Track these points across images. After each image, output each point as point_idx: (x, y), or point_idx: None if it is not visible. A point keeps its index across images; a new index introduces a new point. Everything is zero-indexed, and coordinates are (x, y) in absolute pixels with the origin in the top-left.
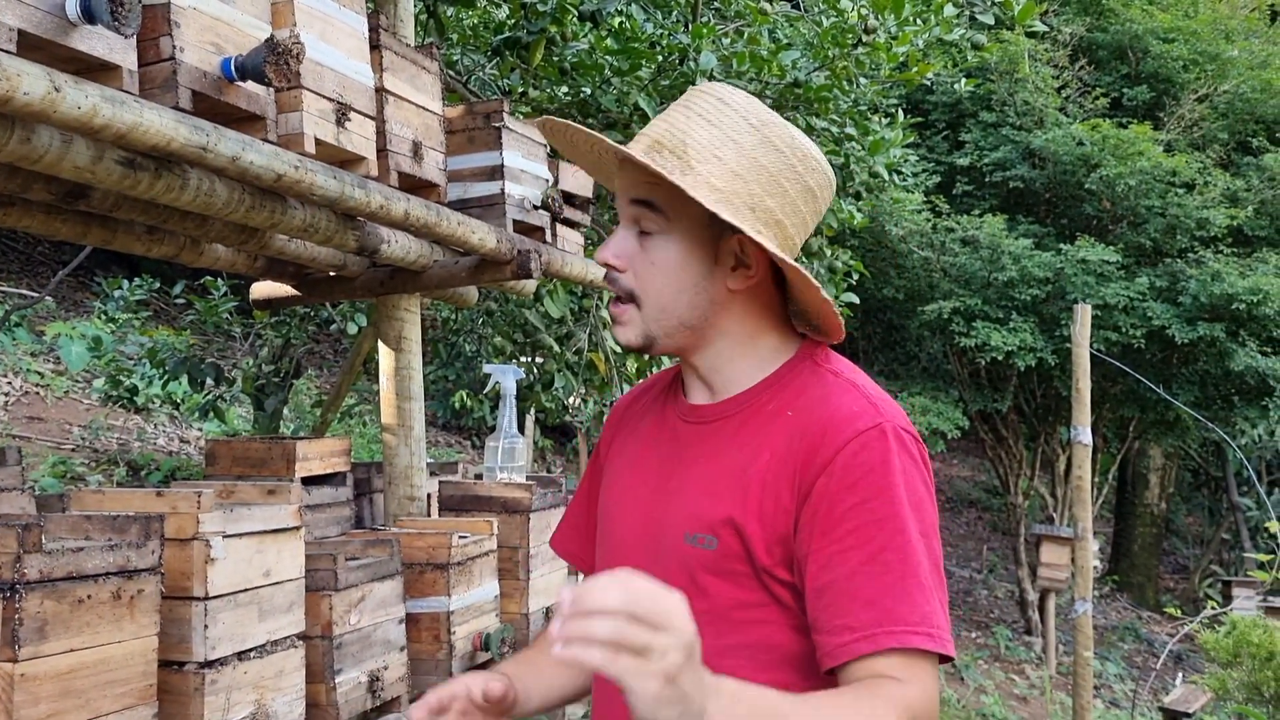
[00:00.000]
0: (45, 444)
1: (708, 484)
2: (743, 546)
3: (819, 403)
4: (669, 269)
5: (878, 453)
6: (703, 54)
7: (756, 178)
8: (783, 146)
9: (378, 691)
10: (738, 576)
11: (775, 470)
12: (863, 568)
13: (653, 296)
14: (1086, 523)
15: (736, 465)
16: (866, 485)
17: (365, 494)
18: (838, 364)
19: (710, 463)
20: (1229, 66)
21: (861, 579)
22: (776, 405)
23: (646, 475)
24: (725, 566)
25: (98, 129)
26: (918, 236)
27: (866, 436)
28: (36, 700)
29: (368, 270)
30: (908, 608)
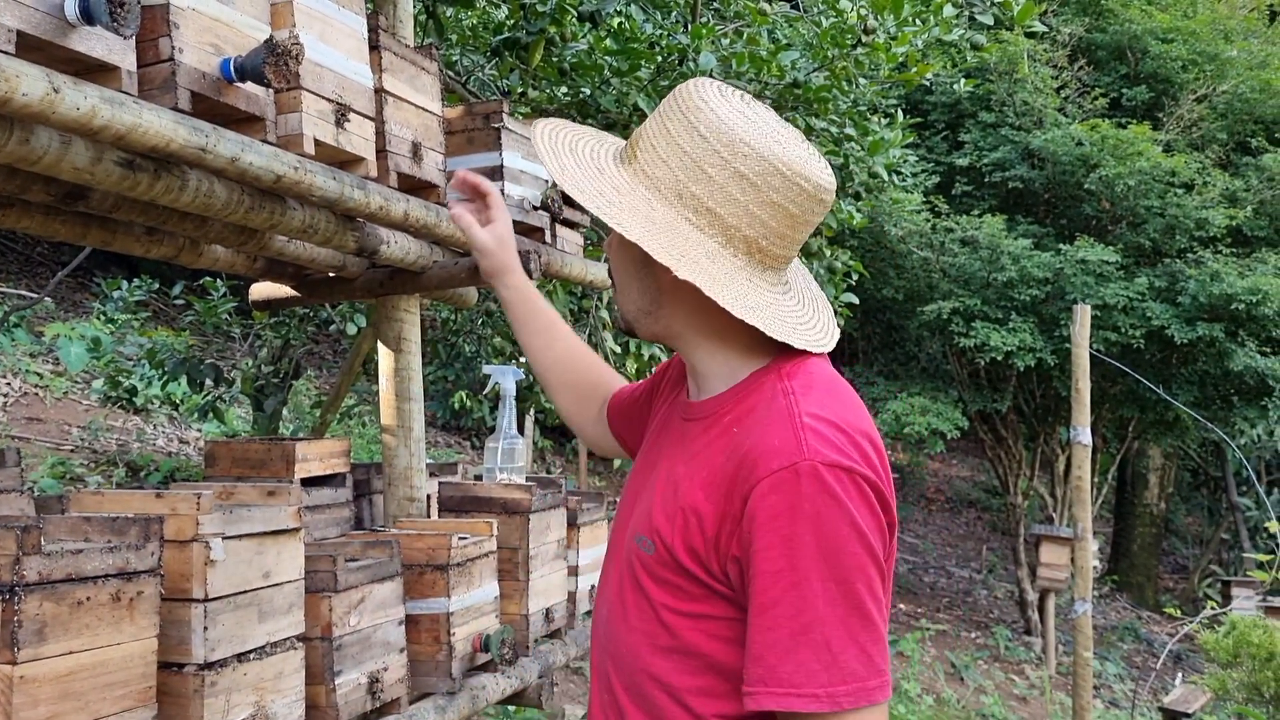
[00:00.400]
0: (44, 445)
1: (662, 487)
2: (668, 553)
3: (755, 425)
4: (619, 257)
5: (785, 497)
6: (702, 54)
7: (680, 163)
8: (706, 132)
9: (377, 693)
10: (669, 583)
11: (707, 489)
12: (756, 619)
13: (618, 281)
14: (1086, 523)
15: (684, 473)
16: (769, 532)
17: (365, 495)
18: (800, 379)
19: (672, 465)
20: (1228, 67)
21: (755, 631)
22: (732, 418)
23: (644, 468)
24: (659, 571)
25: (97, 130)
26: (917, 237)
27: (777, 478)
28: (36, 702)
29: (367, 271)
30: (792, 667)
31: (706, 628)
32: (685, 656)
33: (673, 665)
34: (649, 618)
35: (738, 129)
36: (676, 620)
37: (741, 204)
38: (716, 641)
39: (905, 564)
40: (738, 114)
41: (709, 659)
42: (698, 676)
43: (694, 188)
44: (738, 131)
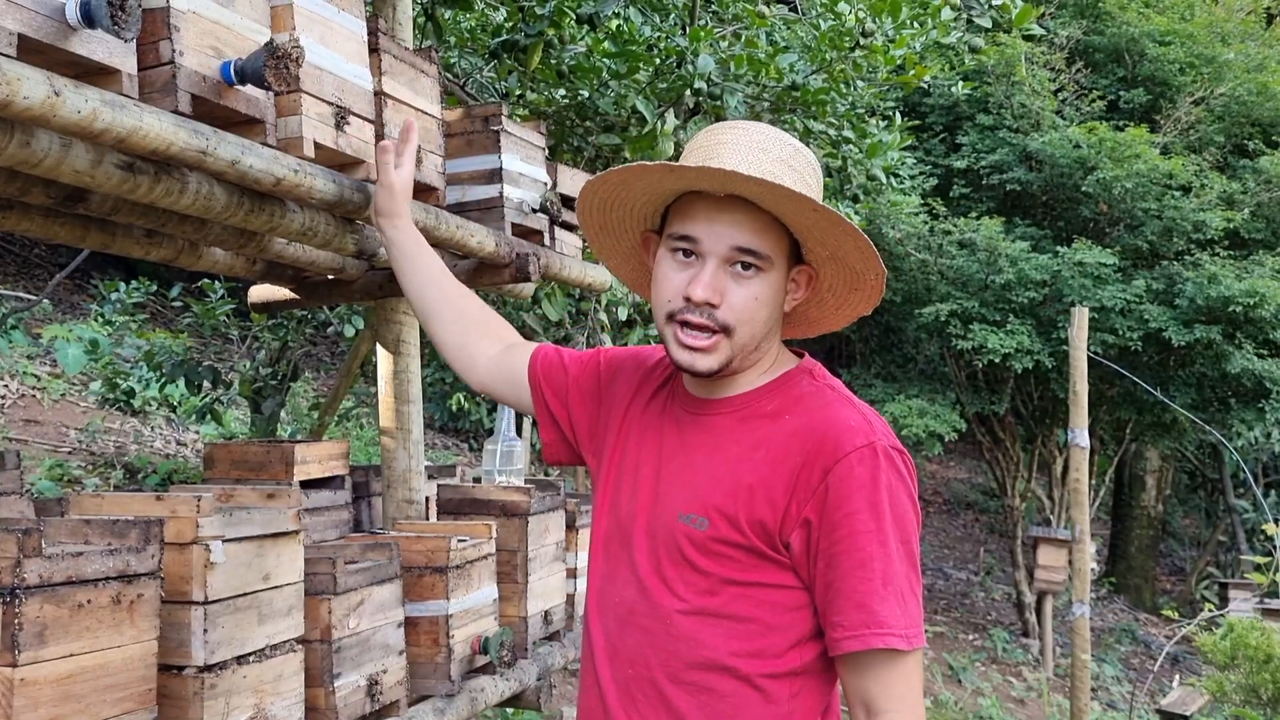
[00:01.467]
0: (42, 447)
1: (707, 471)
2: (731, 528)
3: (817, 412)
4: (768, 303)
5: (869, 470)
6: (700, 57)
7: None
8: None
9: (377, 695)
10: (725, 556)
11: (770, 466)
12: (853, 572)
13: (749, 328)
14: (1084, 525)
15: (733, 457)
16: (857, 500)
17: (363, 497)
18: (833, 380)
19: (712, 452)
20: (1225, 69)
21: (851, 582)
22: (775, 408)
23: (653, 457)
24: (713, 546)
25: (97, 133)
26: (915, 239)
27: (861, 454)
28: (36, 705)
29: (366, 273)
30: (888, 611)
31: (756, 594)
32: (734, 622)
33: (719, 631)
34: (697, 590)
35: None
36: (728, 589)
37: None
38: (763, 606)
39: None
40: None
41: (758, 622)
42: (745, 640)
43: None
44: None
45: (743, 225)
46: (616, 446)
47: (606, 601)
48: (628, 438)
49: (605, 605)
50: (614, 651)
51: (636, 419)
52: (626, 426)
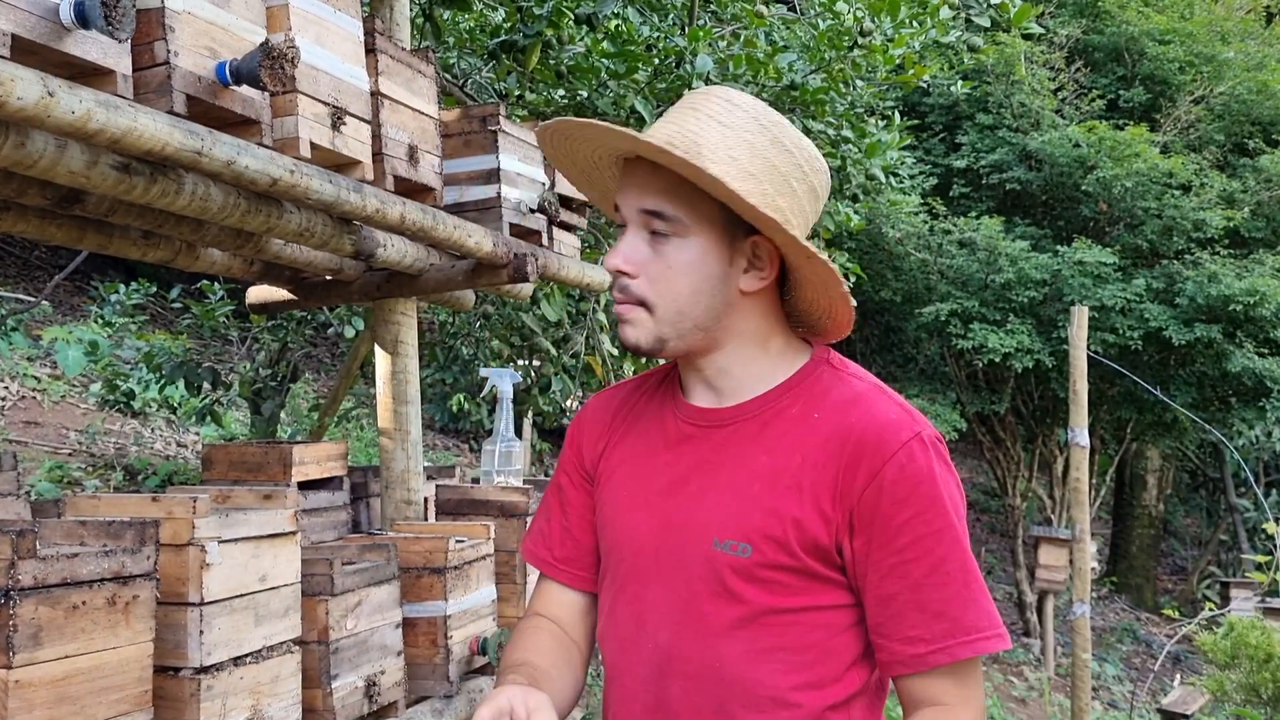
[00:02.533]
0: (42, 448)
1: (737, 489)
2: (781, 551)
3: (850, 407)
4: (686, 272)
5: (923, 464)
6: (699, 57)
7: (769, 178)
8: (791, 147)
9: (374, 696)
10: (773, 583)
11: (812, 475)
12: (926, 579)
13: (669, 300)
14: (1084, 524)
15: (767, 469)
16: (918, 498)
17: (362, 498)
18: (855, 368)
19: (736, 467)
20: (1225, 68)
21: (928, 590)
22: (801, 409)
23: (655, 481)
24: (760, 573)
25: (92, 134)
26: (915, 239)
27: (911, 448)
28: (31, 707)
29: (364, 274)
30: (974, 614)
31: (813, 618)
32: (790, 653)
33: (775, 666)
34: (745, 623)
35: (808, 144)
36: (780, 618)
37: (806, 215)
38: (819, 630)
39: None
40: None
41: (818, 649)
42: (804, 671)
43: (780, 201)
44: (809, 148)
45: (648, 185)
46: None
47: (632, 648)
48: (617, 468)
49: (633, 651)
50: (658, 705)
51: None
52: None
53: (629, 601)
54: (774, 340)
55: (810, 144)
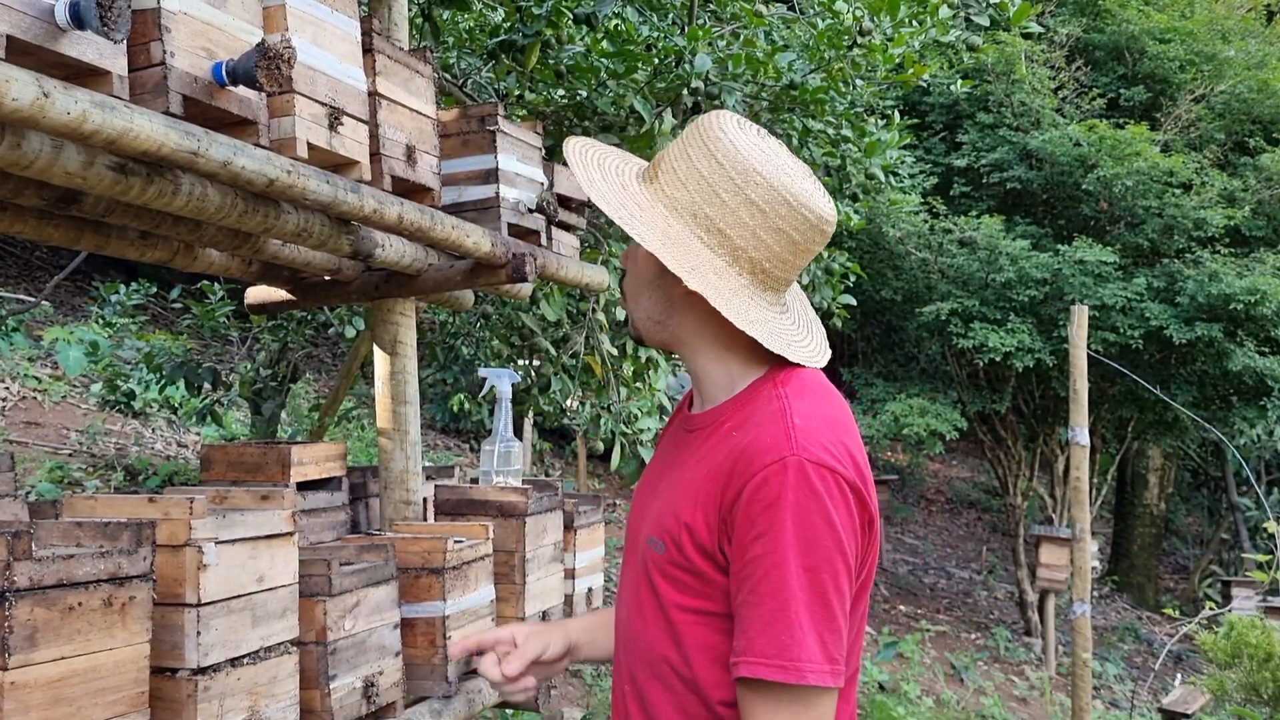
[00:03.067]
0: (42, 449)
1: (670, 492)
2: (678, 551)
3: (751, 428)
4: (637, 269)
5: (773, 488)
6: (698, 56)
7: (697, 186)
8: (723, 160)
9: (373, 697)
10: (678, 580)
11: (707, 486)
12: (748, 598)
13: (630, 290)
14: (1085, 524)
15: (688, 478)
16: (760, 521)
17: (361, 498)
18: (793, 385)
19: (679, 472)
20: (1225, 67)
21: (746, 608)
22: (732, 424)
23: (651, 481)
24: (669, 570)
25: (88, 134)
26: (915, 238)
27: (768, 471)
28: (27, 708)
29: (362, 274)
30: (765, 640)
31: (712, 623)
32: (690, 650)
33: (681, 658)
34: (660, 615)
35: (752, 159)
36: (683, 617)
37: (749, 228)
38: (716, 634)
39: (905, 565)
40: (753, 146)
41: (712, 650)
42: (702, 667)
43: (708, 209)
44: (751, 161)
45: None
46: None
47: (618, 617)
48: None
49: (617, 619)
50: (619, 665)
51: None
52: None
53: (620, 578)
54: (734, 354)
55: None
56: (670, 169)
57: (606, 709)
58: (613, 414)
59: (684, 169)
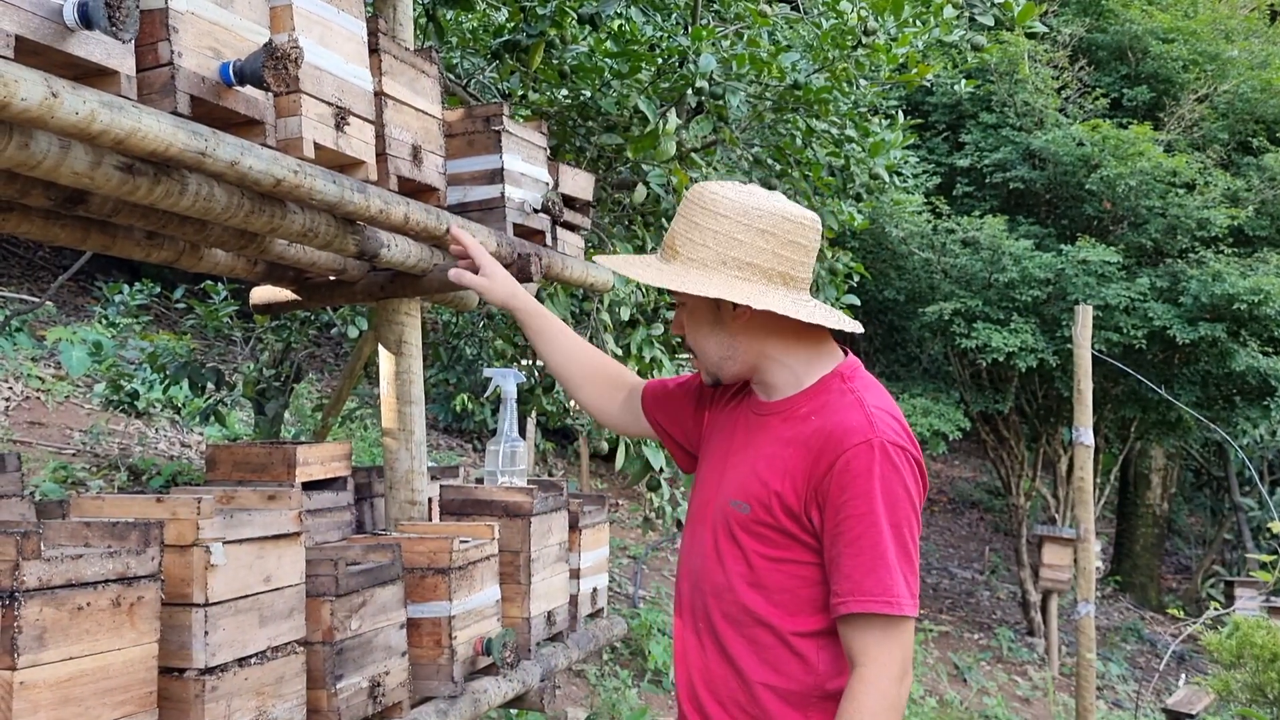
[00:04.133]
0: (46, 449)
1: (752, 464)
2: (766, 512)
3: (832, 414)
4: (696, 325)
5: (863, 462)
6: (702, 56)
7: (715, 240)
8: (726, 212)
9: (379, 697)
10: (762, 536)
11: (796, 460)
12: (847, 549)
13: (697, 346)
14: (1088, 524)
15: (772, 453)
16: (854, 488)
17: (366, 498)
18: (859, 382)
19: (758, 448)
20: (1229, 66)
21: (845, 558)
22: (808, 410)
23: (723, 450)
24: (753, 527)
25: (95, 134)
26: (918, 238)
27: (856, 449)
28: (36, 708)
29: (368, 274)
30: (872, 581)
31: (783, 569)
32: (769, 590)
33: (759, 596)
34: (741, 561)
35: (745, 202)
36: (763, 563)
37: (767, 251)
38: (793, 579)
39: None
40: (740, 192)
41: (784, 591)
42: (779, 605)
43: (733, 253)
44: (746, 203)
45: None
46: (704, 441)
47: (689, 568)
48: (711, 435)
49: (687, 571)
50: (692, 608)
51: (717, 419)
52: (711, 426)
53: (690, 532)
54: (795, 353)
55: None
56: (686, 240)
57: (611, 709)
58: None
59: (698, 235)
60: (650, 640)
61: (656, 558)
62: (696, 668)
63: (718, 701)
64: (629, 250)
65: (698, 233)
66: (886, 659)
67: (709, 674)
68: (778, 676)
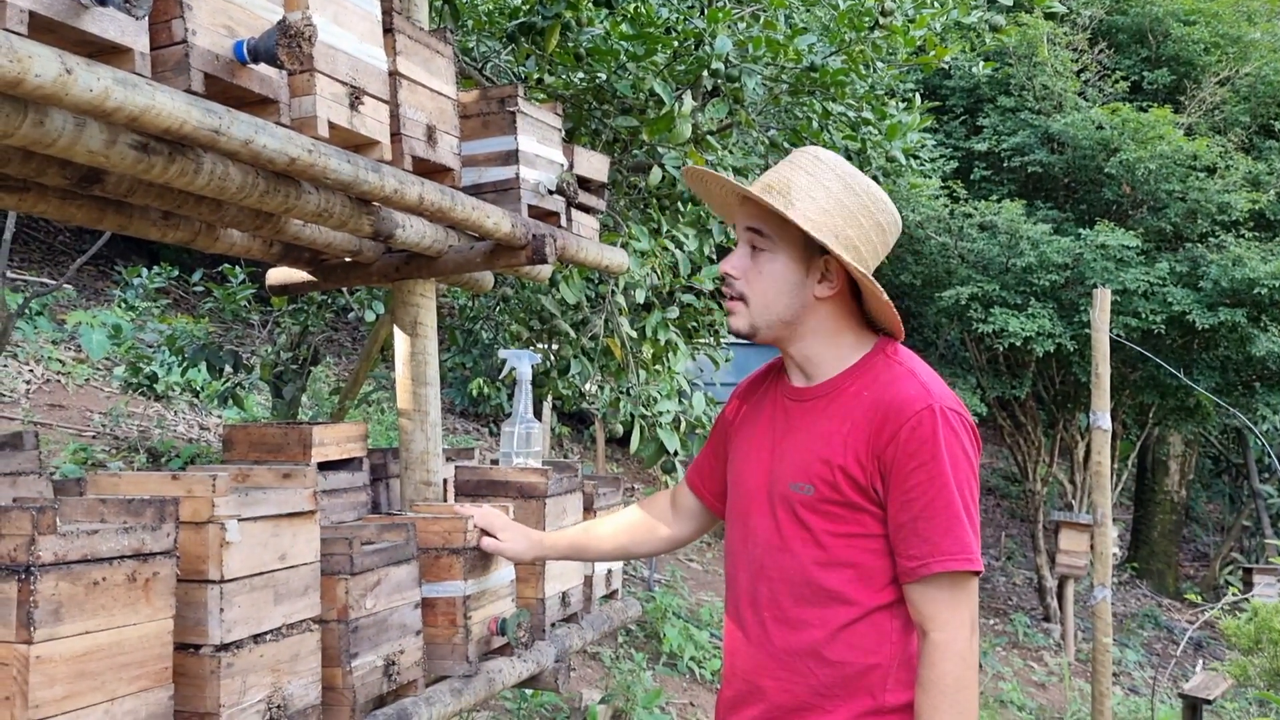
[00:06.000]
0: (66, 431)
1: (808, 447)
2: (832, 490)
3: (887, 387)
4: (773, 278)
5: (929, 427)
6: (718, 39)
7: (840, 212)
8: (860, 191)
9: (393, 675)
10: (829, 514)
11: (856, 436)
12: (921, 514)
13: (759, 297)
14: (1106, 509)
15: (828, 432)
16: (922, 453)
17: (381, 479)
18: (903, 356)
19: (810, 431)
20: (1251, 49)
21: (921, 522)
22: (857, 388)
23: (765, 442)
24: (820, 507)
25: (110, 112)
26: (935, 222)
27: (921, 415)
28: (52, 682)
29: (383, 255)
30: (949, 542)
31: (854, 543)
32: (843, 566)
33: (834, 574)
34: (811, 543)
35: (876, 192)
36: (834, 541)
37: (873, 243)
38: (861, 552)
39: None
40: (870, 181)
41: (856, 565)
42: (850, 579)
43: (849, 230)
44: (877, 194)
45: (753, 214)
46: (734, 441)
47: (744, 560)
48: (741, 430)
49: (743, 563)
50: (753, 598)
51: (747, 414)
52: (739, 427)
53: (740, 525)
54: (845, 336)
55: (879, 191)
56: (806, 196)
57: (625, 691)
58: (632, 397)
59: (821, 195)
60: (665, 623)
61: None
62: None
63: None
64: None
65: (823, 195)
66: (958, 620)
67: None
68: (859, 652)
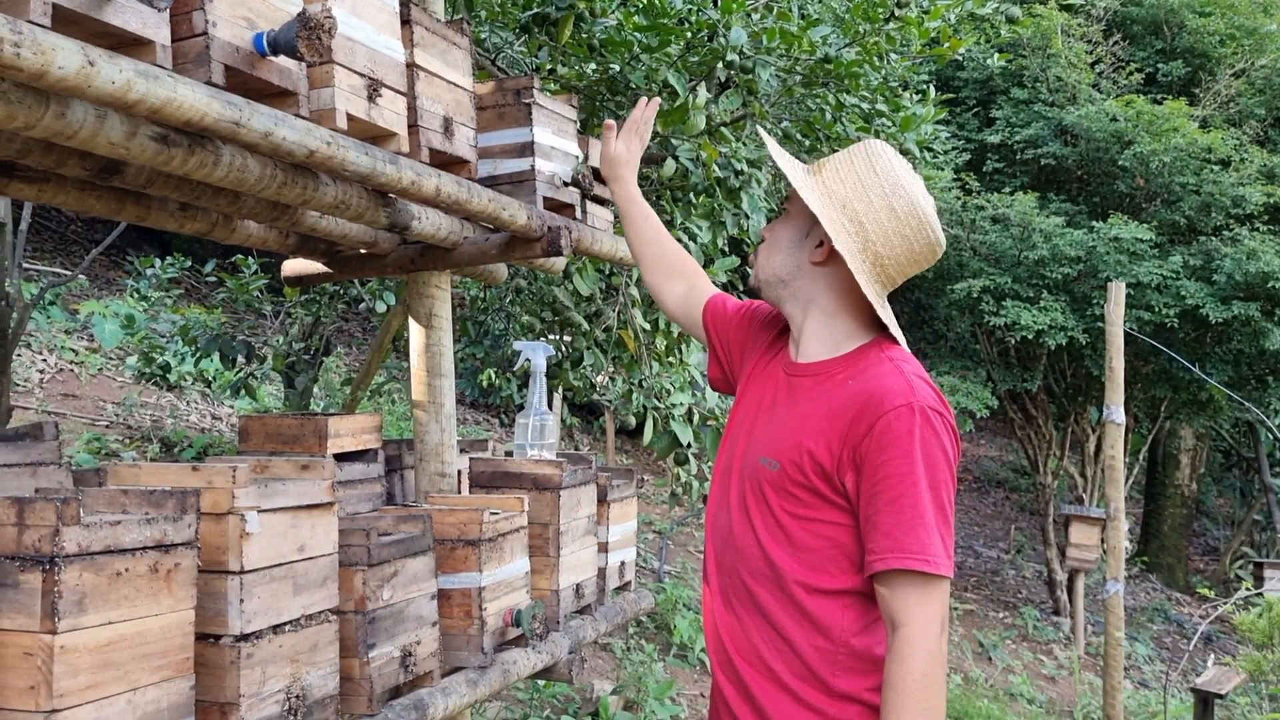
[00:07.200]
0: (80, 420)
1: (786, 424)
2: (797, 471)
3: (871, 379)
4: (779, 236)
5: (904, 424)
6: (732, 30)
7: (852, 185)
8: (880, 172)
9: (410, 666)
10: (791, 495)
11: (830, 421)
12: (885, 508)
13: (765, 252)
14: (1118, 502)
15: (806, 413)
16: (893, 449)
17: (396, 470)
18: (897, 354)
19: (793, 410)
20: (1267, 41)
21: (884, 516)
22: (844, 375)
23: (754, 408)
24: (783, 485)
25: (131, 104)
26: (948, 214)
27: (896, 412)
28: (76, 671)
29: (398, 247)
30: (911, 539)
31: (810, 528)
32: (795, 549)
33: (786, 554)
34: (769, 519)
35: (903, 178)
36: (790, 521)
37: (884, 228)
38: (815, 538)
39: None
40: (906, 170)
41: (810, 550)
42: (804, 563)
43: (856, 204)
44: (902, 179)
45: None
46: (740, 394)
47: (715, 525)
48: (747, 388)
49: (714, 527)
50: (719, 563)
51: (754, 373)
52: (748, 379)
53: (718, 490)
54: (841, 320)
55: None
56: (834, 169)
57: (637, 682)
58: (644, 389)
59: (845, 170)
60: (676, 615)
61: (682, 533)
62: (726, 629)
63: (748, 662)
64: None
65: (846, 169)
66: (927, 617)
67: (740, 634)
68: (808, 633)
